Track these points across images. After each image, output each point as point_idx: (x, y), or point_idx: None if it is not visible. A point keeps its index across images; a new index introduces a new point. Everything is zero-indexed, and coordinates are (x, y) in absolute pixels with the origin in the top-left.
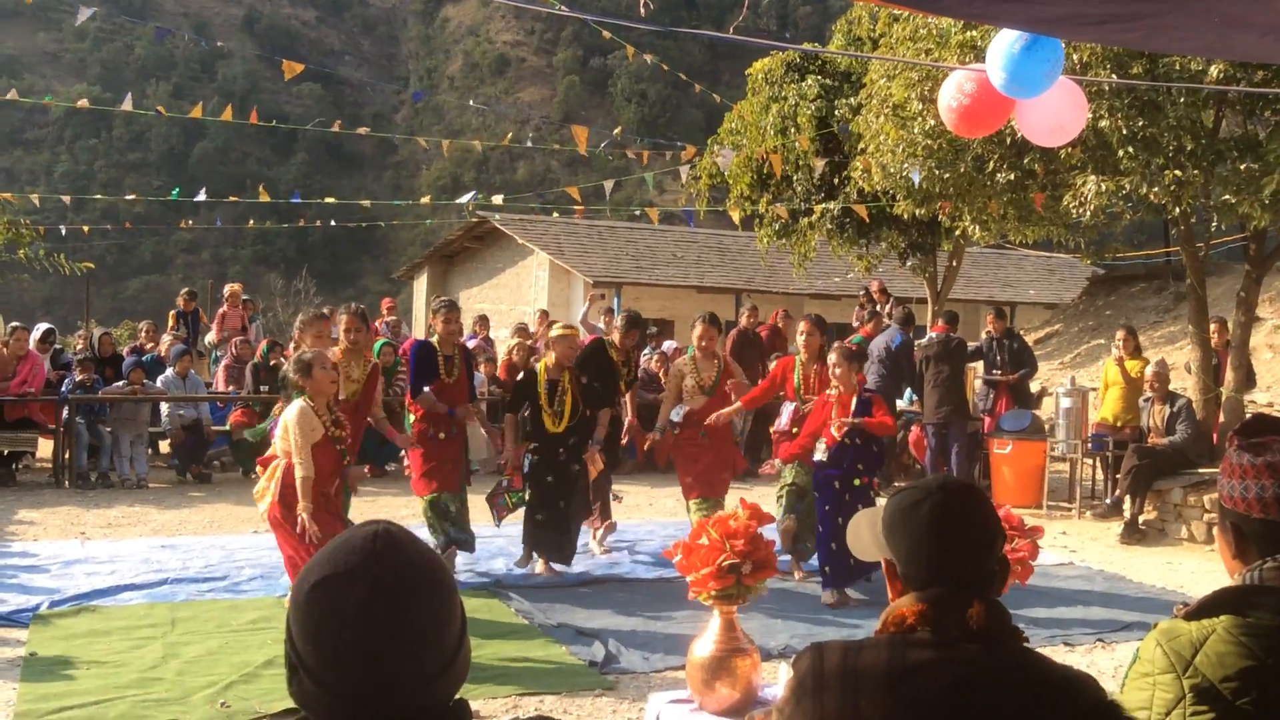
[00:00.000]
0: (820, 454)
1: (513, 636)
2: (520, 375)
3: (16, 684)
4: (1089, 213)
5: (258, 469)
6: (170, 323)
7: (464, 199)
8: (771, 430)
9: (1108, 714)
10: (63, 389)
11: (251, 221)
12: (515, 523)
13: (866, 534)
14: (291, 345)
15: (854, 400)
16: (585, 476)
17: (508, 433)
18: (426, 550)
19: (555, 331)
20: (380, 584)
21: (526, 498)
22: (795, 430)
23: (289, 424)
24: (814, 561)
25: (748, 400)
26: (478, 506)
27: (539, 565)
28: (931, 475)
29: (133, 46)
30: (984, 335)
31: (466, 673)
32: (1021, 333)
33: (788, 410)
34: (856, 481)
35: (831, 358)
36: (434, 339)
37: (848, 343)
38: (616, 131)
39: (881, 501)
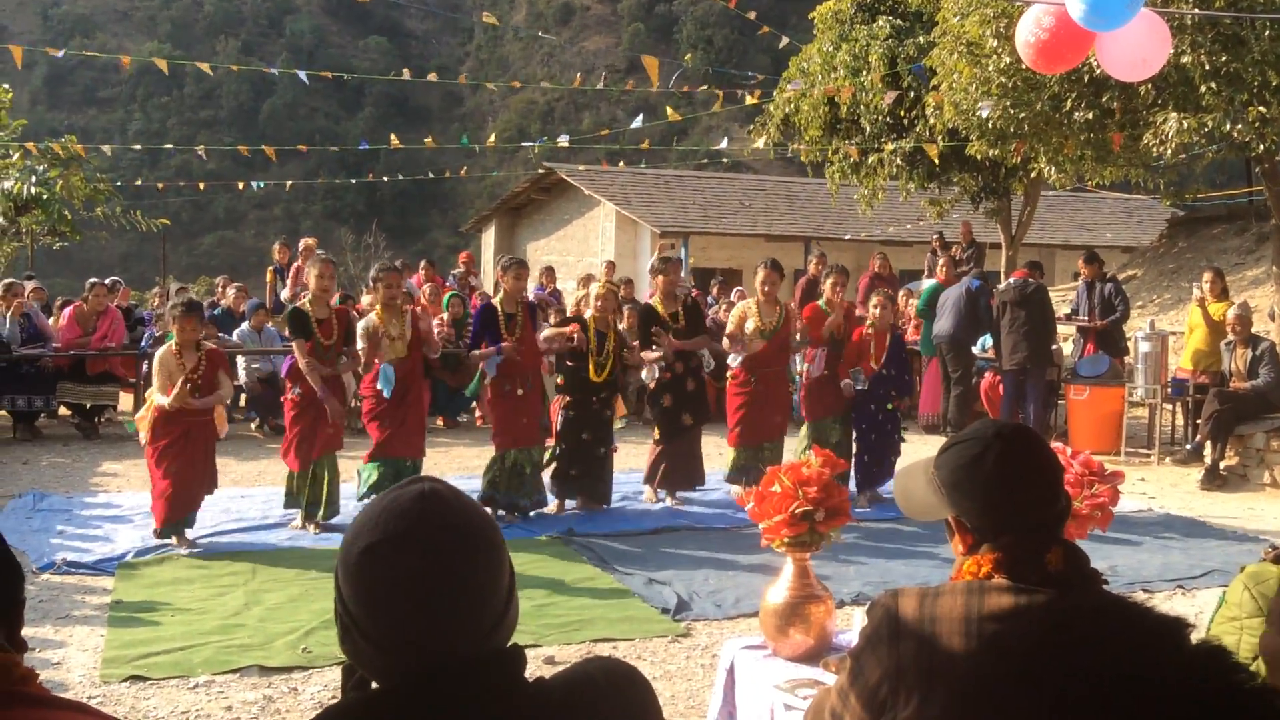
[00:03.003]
0: (861, 384)
1: (585, 585)
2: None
3: (104, 630)
4: (1170, 151)
5: (146, 397)
6: (269, 278)
7: (530, 144)
8: (800, 374)
9: (1218, 658)
10: (143, 343)
11: (321, 177)
12: None
13: (921, 496)
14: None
15: (888, 336)
16: (612, 420)
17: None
18: (473, 507)
19: (596, 288)
20: (431, 548)
21: (558, 453)
22: (827, 372)
23: (154, 366)
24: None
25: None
26: None
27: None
28: (981, 423)
29: (202, 4)
30: (1080, 280)
31: (516, 623)
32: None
33: (820, 359)
34: (890, 405)
35: (874, 299)
36: (498, 298)
37: (887, 289)
38: (687, 58)
39: (910, 440)
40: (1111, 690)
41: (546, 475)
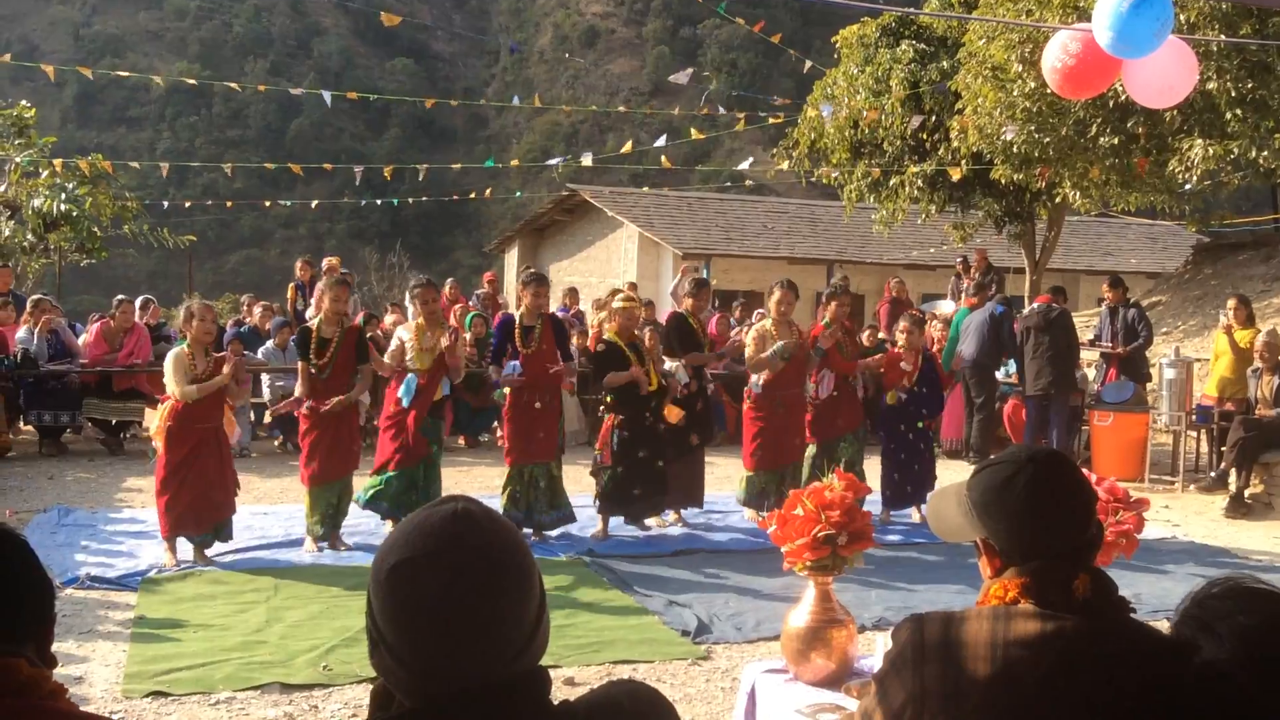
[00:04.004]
0: (897, 401)
1: (605, 606)
2: (600, 347)
3: (127, 645)
4: (1195, 177)
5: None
6: (290, 294)
7: (553, 162)
8: (810, 400)
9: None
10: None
11: (347, 197)
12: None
13: (952, 516)
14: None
15: (919, 356)
16: (664, 430)
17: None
18: (505, 529)
19: (617, 303)
20: (460, 569)
21: (616, 474)
22: (837, 393)
23: (166, 365)
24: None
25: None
26: (570, 477)
27: (599, 526)
28: (1015, 447)
29: (231, 25)
30: (1103, 306)
31: (546, 646)
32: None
33: (828, 379)
34: (920, 424)
35: (902, 323)
36: (519, 312)
37: (914, 311)
38: (711, 81)
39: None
40: (1134, 717)
41: (585, 492)
